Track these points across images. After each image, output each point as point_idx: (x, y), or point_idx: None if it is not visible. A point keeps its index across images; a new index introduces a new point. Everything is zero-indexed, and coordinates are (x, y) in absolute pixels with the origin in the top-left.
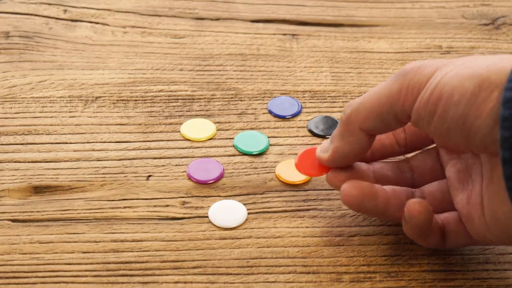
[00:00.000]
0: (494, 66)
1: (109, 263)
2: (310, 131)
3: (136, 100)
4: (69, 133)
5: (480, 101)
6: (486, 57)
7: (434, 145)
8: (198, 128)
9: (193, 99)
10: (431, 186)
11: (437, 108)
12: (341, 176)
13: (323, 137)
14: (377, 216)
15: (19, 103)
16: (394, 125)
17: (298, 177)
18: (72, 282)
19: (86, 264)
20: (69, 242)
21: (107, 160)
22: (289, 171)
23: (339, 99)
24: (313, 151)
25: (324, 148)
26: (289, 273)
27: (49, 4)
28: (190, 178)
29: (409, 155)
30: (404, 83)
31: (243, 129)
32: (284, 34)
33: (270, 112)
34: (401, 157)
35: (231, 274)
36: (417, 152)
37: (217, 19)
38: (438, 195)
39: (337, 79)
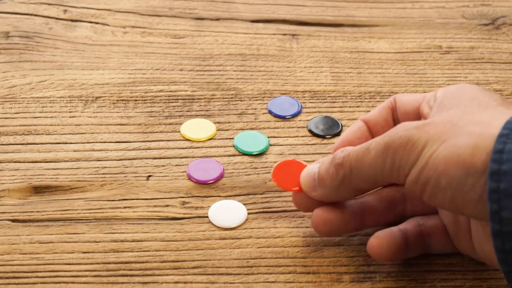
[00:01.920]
0: (479, 142)
1: (109, 263)
2: (310, 131)
3: (136, 100)
4: (69, 133)
5: (467, 189)
6: (473, 119)
7: None
8: (198, 128)
9: (193, 99)
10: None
11: (426, 188)
12: (326, 215)
13: (323, 137)
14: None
15: (19, 103)
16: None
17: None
18: (72, 282)
19: (86, 264)
20: (69, 242)
21: (107, 160)
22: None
23: (339, 99)
24: (289, 164)
25: (311, 185)
26: (289, 273)
27: (49, 4)
28: (190, 178)
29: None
30: (395, 162)
31: (243, 129)
32: (284, 34)
33: (270, 112)
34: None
35: (231, 274)
36: None
37: (217, 19)
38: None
39: (337, 79)
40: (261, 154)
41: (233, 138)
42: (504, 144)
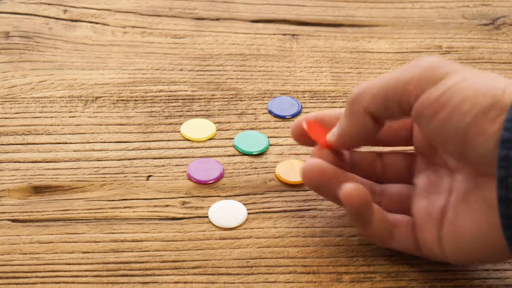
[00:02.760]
0: (509, 88)
1: (109, 263)
2: None
3: (136, 100)
4: (69, 133)
5: (487, 120)
6: (501, 77)
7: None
8: (198, 128)
9: (193, 99)
10: (393, 187)
11: (442, 110)
12: (323, 153)
13: None
14: (336, 203)
15: (19, 103)
16: (397, 113)
17: (298, 177)
18: (72, 282)
19: (86, 264)
20: (69, 242)
21: (107, 160)
22: (289, 171)
23: (339, 99)
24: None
25: (332, 132)
26: (289, 273)
27: (49, 4)
28: (190, 178)
29: (385, 151)
30: (415, 75)
31: (243, 129)
32: (284, 34)
33: (270, 112)
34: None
35: (231, 274)
36: (393, 151)
37: (217, 19)
38: (397, 198)
39: (337, 79)
40: (261, 154)
41: (233, 138)
42: None
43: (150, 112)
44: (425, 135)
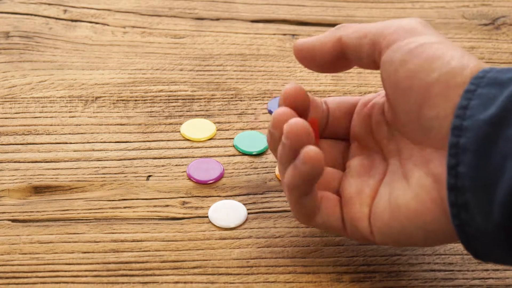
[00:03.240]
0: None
1: (109, 263)
2: None
3: (136, 100)
4: (69, 133)
5: (453, 84)
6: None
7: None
8: (198, 128)
9: (193, 99)
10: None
11: (413, 60)
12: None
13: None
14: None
15: (19, 103)
16: (366, 55)
17: None
18: (72, 282)
19: (86, 264)
20: (69, 242)
21: (107, 160)
22: None
23: None
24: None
25: (303, 40)
26: (289, 273)
27: (49, 4)
28: (190, 178)
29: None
30: (396, 25)
31: (243, 129)
32: (284, 34)
33: (270, 112)
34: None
35: (231, 274)
36: (329, 139)
37: (217, 19)
38: (326, 178)
39: (337, 79)
40: (261, 154)
41: (233, 138)
42: (468, 100)
43: (150, 112)
44: (387, 86)
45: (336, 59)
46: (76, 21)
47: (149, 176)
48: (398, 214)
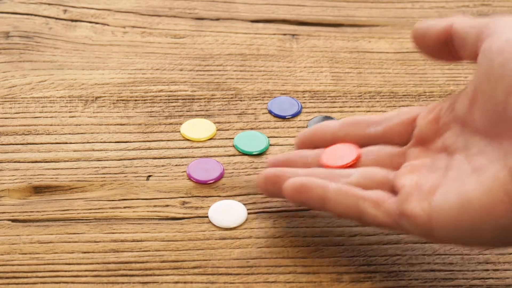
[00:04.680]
0: None
1: (109, 263)
2: None
3: (136, 100)
4: (69, 133)
5: None
6: None
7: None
8: (198, 128)
9: (193, 99)
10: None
11: (509, 48)
12: None
13: None
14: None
15: (19, 103)
16: (469, 46)
17: None
18: (72, 282)
19: (86, 264)
20: (69, 242)
21: (107, 160)
22: None
23: (339, 99)
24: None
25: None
26: (289, 273)
27: (49, 4)
28: (190, 178)
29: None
30: (502, 18)
31: (243, 129)
32: (284, 34)
33: (270, 112)
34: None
35: (231, 274)
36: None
37: (217, 19)
38: (373, 176)
39: (337, 79)
40: (261, 154)
41: (233, 138)
42: None
43: (150, 112)
44: (479, 74)
45: (444, 43)
46: (76, 21)
47: (149, 176)
48: (468, 209)
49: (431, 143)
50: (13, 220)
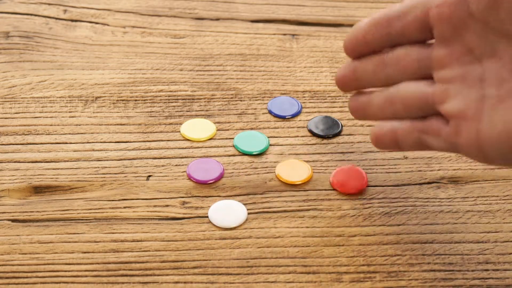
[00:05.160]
0: None
1: (109, 263)
2: (310, 131)
3: (136, 100)
4: (69, 133)
5: None
6: None
7: None
8: (198, 128)
9: (193, 99)
10: (410, 87)
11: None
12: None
13: (323, 137)
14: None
15: (19, 103)
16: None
17: (298, 177)
18: (72, 282)
19: (86, 264)
20: (69, 242)
21: (107, 160)
22: (289, 171)
23: (339, 99)
24: (347, 170)
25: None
26: (289, 273)
27: (49, 4)
28: (190, 178)
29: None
30: None
31: (243, 129)
32: (284, 34)
33: (270, 112)
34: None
35: (231, 274)
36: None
37: (217, 19)
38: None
39: None
40: (261, 154)
41: (233, 138)
42: None
43: (150, 112)
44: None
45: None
46: (76, 21)
47: (149, 176)
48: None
49: (452, 43)
50: (13, 220)
